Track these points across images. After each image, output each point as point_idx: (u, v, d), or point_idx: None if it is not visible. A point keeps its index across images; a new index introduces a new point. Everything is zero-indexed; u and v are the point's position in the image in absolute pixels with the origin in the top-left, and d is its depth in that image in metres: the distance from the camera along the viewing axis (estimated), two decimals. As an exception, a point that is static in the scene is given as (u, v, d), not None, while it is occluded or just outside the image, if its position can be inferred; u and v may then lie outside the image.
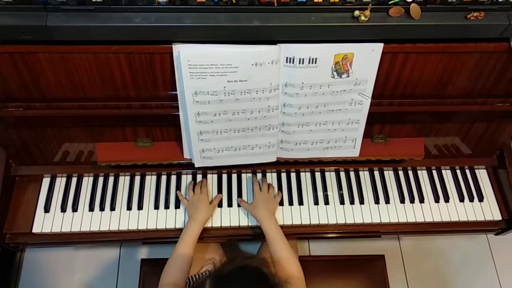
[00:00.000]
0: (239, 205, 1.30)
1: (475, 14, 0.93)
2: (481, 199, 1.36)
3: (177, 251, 1.14)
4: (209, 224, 1.27)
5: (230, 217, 1.29)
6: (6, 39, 0.93)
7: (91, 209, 1.29)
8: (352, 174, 1.38)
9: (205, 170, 1.33)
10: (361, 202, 1.33)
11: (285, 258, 1.11)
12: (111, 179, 1.33)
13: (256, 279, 0.90)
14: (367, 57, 1.00)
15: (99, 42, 0.95)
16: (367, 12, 0.90)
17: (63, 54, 0.98)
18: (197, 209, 1.23)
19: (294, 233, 1.32)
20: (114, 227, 1.27)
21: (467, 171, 1.40)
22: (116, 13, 0.89)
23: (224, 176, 1.35)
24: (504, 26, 0.94)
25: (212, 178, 1.34)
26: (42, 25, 0.87)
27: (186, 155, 1.22)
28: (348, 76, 1.04)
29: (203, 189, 1.29)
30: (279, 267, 1.09)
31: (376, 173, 1.38)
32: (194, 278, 1.21)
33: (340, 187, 1.35)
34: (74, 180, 1.33)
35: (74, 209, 1.29)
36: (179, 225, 1.27)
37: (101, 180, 1.33)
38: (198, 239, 1.25)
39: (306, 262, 1.39)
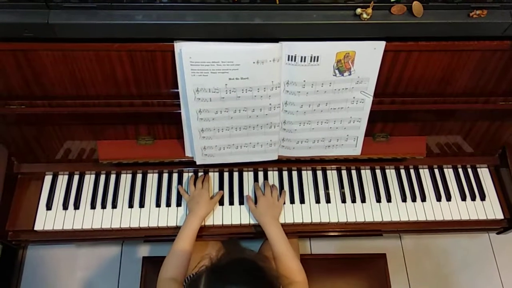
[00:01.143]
0: (240, 203, 1.30)
1: (478, 12, 0.92)
2: (483, 198, 1.35)
3: (176, 246, 1.14)
4: (210, 222, 1.27)
5: (232, 215, 1.29)
6: (8, 37, 0.93)
7: (93, 206, 1.29)
8: (353, 172, 1.37)
9: (206, 168, 1.34)
10: (363, 200, 1.33)
11: (290, 265, 1.11)
12: (112, 177, 1.34)
13: (252, 271, 0.90)
14: (369, 55, 1.00)
15: (100, 40, 0.95)
16: (369, 10, 0.90)
17: (65, 52, 0.98)
18: (198, 204, 1.23)
19: (296, 232, 1.32)
20: (115, 225, 1.27)
21: (469, 170, 1.40)
22: (117, 11, 0.89)
23: (226, 174, 1.35)
24: (507, 24, 0.94)
25: (213, 176, 1.34)
26: (44, 23, 0.88)
27: (188, 153, 1.22)
28: (350, 74, 1.04)
29: (205, 184, 1.28)
30: (283, 272, 1.09)
31: (378, 172, 1.38)
32: (191, 276, 1.21)
33: (341, 186, 1.35)
34: (76, 178, 1.33)
35: (76, 206, 1.29)
36: (180, 223, 1.27)
37: (103, 178, 1.33)
38: (200, 237, 1.25)
39: (308, 261, 1.39)
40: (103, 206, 1.29)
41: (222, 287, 0.86)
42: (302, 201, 1.32)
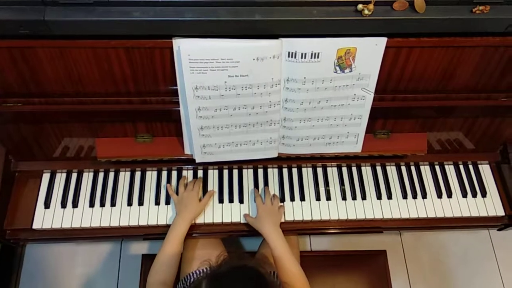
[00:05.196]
0: (240, 201, 1.29)
1: (481, 7, 0.91)
2: (484, 194, 1.35)
3: (163, 250, 1.13)
4: (210, 220, 1.26)
5: (232, 212, 1.28)
6: (4, 34, 0.91)
7: (92, 205, 1.28)
8: (354, 169, 1.37)
9: (206, 166, 1.33)
10: (363, 197, 1.32)
11: (291, 270, 1.10)
12: (111, 175, 1.32)
13: (254, 278, 0.89)
14: (370, 51, 0.99)
15: (98, 37, 0.93)
16: (371, 6, 0.89)
17: (62, 49, 0.96)
18: (186, 208, 1.21)
19: (296, 229, 1.31)
20: (114, 223, 1.26)
21: (470, 167, 1.39)
22: (115, 7, 0.88)
23: (225, 172, 1.34)
24: (510, 20, 0.93)
25: (213, 174, 1.34)
26: (40, 20, 0.86)
27: (187, 151, 1.21)
28: (350, 71, 1.02)
29: (195, 186, 1.26)
30: (284, 277, 1.09)
31: (379, 169, 1.37)
32: (189, 276, 1.21)
33: (342, 183, 1.34)
34: (74, 176, 1.32)
35: (75, 205, 1.28)
36: (180, 221, 1.26)
37: (101, 176, 1.32)
38: (199, 234, 1.24)
39: (308, 258, 1.39)
40: (102, 204, 1.28)
41: None
42: (302, 198, 1.31)
